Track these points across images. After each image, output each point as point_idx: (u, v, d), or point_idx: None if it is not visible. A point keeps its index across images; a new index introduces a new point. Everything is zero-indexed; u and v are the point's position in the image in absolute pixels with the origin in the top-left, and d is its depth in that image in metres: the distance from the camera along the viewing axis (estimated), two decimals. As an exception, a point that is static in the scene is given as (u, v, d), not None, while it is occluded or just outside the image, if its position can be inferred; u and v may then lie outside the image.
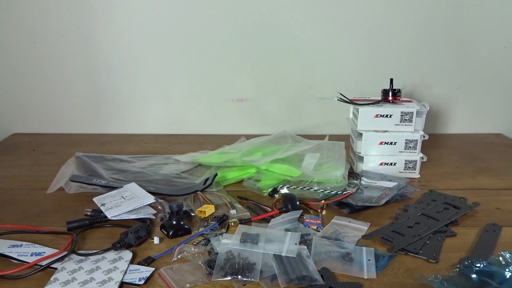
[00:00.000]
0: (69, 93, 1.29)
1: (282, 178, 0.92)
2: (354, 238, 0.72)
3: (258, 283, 0.60)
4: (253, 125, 1.31)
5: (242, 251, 0.65)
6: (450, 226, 0.76)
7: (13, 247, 0.68)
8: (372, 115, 0.95)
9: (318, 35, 1.24)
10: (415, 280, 0.62)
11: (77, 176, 0.90)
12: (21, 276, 0.62)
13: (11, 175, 1.01)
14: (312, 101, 1.30)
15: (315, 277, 0.60)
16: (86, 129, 1.32)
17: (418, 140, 0.96)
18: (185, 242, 0.71)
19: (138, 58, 1.26)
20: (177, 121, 1.33)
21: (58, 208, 0.84)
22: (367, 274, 0.63)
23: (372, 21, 1.23)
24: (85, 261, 0.65)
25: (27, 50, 1.24)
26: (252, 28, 1.23)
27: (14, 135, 1.31)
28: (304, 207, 0.82)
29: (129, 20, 1.23)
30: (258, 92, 1.30)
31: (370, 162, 0.97)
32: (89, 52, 1.25)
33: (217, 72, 1.27)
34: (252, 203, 0.85)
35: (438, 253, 0.68)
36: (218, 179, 0.91)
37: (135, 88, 1.29)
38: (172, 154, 1.10)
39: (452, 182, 0.97)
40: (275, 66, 1.27)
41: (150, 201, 0.80)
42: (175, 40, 1.24)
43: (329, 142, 1.07)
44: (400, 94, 1.01)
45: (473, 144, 1.24)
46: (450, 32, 1.24)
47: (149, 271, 0.63)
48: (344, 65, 1.27)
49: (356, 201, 0.83)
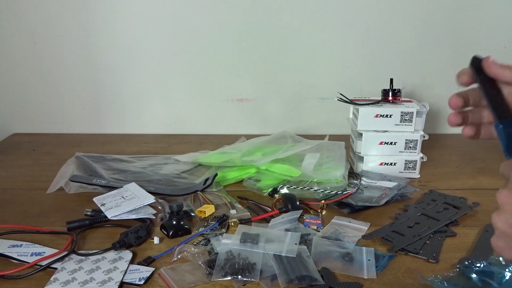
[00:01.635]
0: (69, 93, 1.29)
1: (282, 178, 0.92)
2: (354, 238, 0.72)
3: (258, 283, 0.60)
4: (253, 125, 1.31)
5: (242, 251, 0.65)
6: (450, 226, 0.76)
7: (13, 247, 0.69)
8: (372, 115, 0.95)
9: (318, 35, 1.24)
10: (415, 280, 0.62)
11: (77, 176, 0.90)
12: (21, 276, 0.62)
13: (11, 175, 1.01)
14: (312, 101, 1.30)
15: (315, 277, 0.60)
16: (86, 129, 1.32)
17: (418, 140, 0.96)
18: (185, 242, 0.71)
19: (138, 58, 1.26)
20: (177, 121, 1.33)
21: (58, 208, 0.84)
22: (367, 274, 0.63)
23: (372, 21, 1.23)
24: (85, 261, 0.65)
25: (27, 50, 1.24)
26: (252, 28, 1.23)
27: (14, 135, 1.31)
28: (304, 207, 0.82)
29: (129, 20, 1.23)
30: (258, 92, 1.30)
31: (370, 162, 0.97)
32: (89, 52, 1.25)
33: (217, 72, 1.27)
34: (252, 203, 0.85)
35: (438, 253, 0.68)
36: (218, 179, 0.91)
37: (135, 88, 1.29)
38: (172, 154, 1.10)
39: (452, 182, 0.97)
40: (275, 66, 1.27)
41: (150, 201, 0.80)
42: (175, 40, 1.24)
43: (329, 142, 1.07)
44: (400, 94, 1.01)
45: (473, 144, 1.24)
46: (450, 32, 1.24)
47: (149, 271, 0.63)
48: (344, 65, 1.27)
49: (356, 201, 0.83)
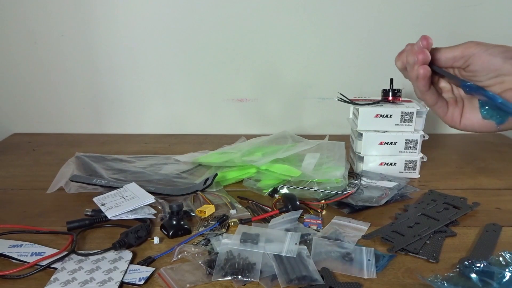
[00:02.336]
0: (69, 93, 1.29)
1: (282, 178, 0.92)
2: (354, 238, 0.72)
3: (258, 283, 0.60)
4: (253, 125, 1.31)
5: (242, 251, 0.65)
6: (450, 226, 0.76)
7: (13, 247, 0.68)
8: (372, 115, 0.95)
9: (318, 35, 1.24)
10: (415, 280, 0.62)
11: (77, 176, 0.90)
12: (21, 276, 0.62)
13: (11, 175, 1.01)
14: (312, 101, 1.30)
15: (315, 277, 0.60)
16: (86, 129, 1.32)
17: (418, 140, 0.96)
18: (185, 242, 0.71)
19: (138, 58, 1.26)
20: (177, 121, 1.33)
21: (58, 208, 0.84)
22: (367, 274, 0.63)
23: (372, 21, 1.23)
24: (85, 261, 0.65)
25: (27, 50, 1.24)
26: (252, 28, 1.23)
27: (14, 135, 1.31)
28: (304, 207, 0.82)
29: (130, 20, 1.23)
30: (258, 92, 1.30)
31: (370, 162, 0.97)
32: (89, 52, 1.25)
33: (217, 72, 1.28)
34: (252, 203, 0.85)
35: (438, 253, 0.68)
36: (218, 179, 0.91)
37: (135, 88, 1.29)
38: (172, 154, 1.10)
39: (452, 182, 0.98)
40: (275, 66, 1.27)
41: (150, 201, 0.80)
42: (175, 40, 1.24)
43: (329, 142, 1.07)
44: (400, 94, 1.01)
45: (473, 144, 1.24)
46: (450, 32, 1.24)
47: (149, 271, 0.63)
48: (344, 65, 1.27)
49: (356, 201, 0.83)
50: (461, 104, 0.53)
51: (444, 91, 0.54)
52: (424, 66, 0.49)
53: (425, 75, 0.49)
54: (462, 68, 0.49)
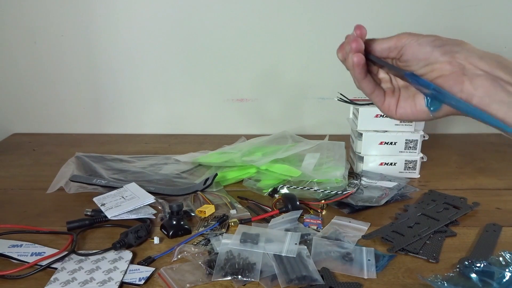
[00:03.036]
0: (69, 93, 1.29)
1: (282, 178, 0.92)
2: (354, 238, 0.72)
3: (258, 283, 0.60)
4: (253, 125, 1.31)
5: (242, 251, 0.65)
6: (450, 226, 0.76)
7: (13, 247, 0.69)
8: (372, 115, 0.95)
9: (318, 35, 1.24)
10: (415, 280, 0.62)
11: (77, 176, 0.90)
12: (21, 276, 0.62)
13: (11, 175, 1.01)
14: (312, 101, 1.30)
15: (315, 277, 0.60)
16: (86, 129, 1.32)
17: (418, 140, 0.96)
18: (185, 242, 0.71)
19: (138, 58, 1.26)
20: (177, 121, 1.33)
21: (58, 208, 0.84)
22: (367, 274, 0.63)
23: (372, 21, 1.23)
24: (85, 261, 0.65)
25: (27, 50, 1.24)
26: (252, 28, 1.23)
27: (14, 135, 1.31)
28: (304, 207, 0.82)
29: (130, 20, 1.23)
30: (258, 92, 1.30)
31: (370, 162, 0.97)
32: (89, 52, 1.25)
33: (217, 72, 1.27)
34: (252, 203, 0.85)
35: (438, 253, 0.68)
36: (218, 179, 0.91)
37: (135, 88, 1.29)
38: (172, 154, 1.10)
39: (452, 182, 0.97)
40: (275, 66, 1.27)
41: (150, 201, 0.80)
42: (175, 40, 1.24)
43: (329, 142, 1.07)
44: (400, 94, 1.00)
45: (473, 144, 1.24)
46: (450, 32, 1.22)
47: (149, 271, 0.63)
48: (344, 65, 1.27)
49: (356, 201, 0.83)
50: (397, 94, 0.54)
51: (383, 81, 0.56)
52: (358, 54, 0.50)
53: (359, 62, 0.50)
54: (397, 58, 0.51)
